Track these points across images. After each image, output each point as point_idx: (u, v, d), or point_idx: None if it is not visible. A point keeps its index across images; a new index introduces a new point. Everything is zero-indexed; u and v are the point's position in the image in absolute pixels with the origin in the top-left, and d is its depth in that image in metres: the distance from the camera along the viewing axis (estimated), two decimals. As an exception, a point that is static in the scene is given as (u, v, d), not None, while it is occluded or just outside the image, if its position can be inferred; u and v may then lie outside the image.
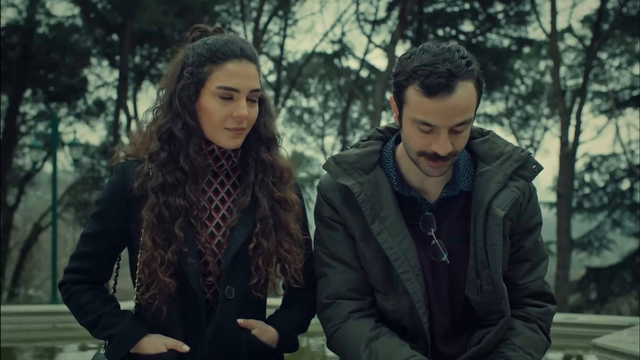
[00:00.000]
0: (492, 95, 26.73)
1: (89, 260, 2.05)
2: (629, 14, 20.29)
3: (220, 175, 2.06)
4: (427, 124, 1.85)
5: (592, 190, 23.07)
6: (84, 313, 2.04)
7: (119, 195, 2.00)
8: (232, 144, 1.99)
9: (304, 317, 2.16)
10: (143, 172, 1.99)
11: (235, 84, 1.95)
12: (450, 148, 1.87)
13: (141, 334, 1.99)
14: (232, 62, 1.95)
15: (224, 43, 1.98)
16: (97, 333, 2.03)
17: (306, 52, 26.88)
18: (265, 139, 2.07)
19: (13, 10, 21.26)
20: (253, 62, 1.98)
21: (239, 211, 2.01)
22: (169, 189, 1.96)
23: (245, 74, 1.96)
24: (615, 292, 21.48)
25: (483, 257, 1.95)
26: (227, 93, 1.95)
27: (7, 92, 20.92)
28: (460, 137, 1.90)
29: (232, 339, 1.98)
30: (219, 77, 1.95)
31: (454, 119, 1.84)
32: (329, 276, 2.04)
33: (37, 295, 26.79)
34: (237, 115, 1.95)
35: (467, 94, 1.84)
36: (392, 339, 1.97)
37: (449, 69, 1.81)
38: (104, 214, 2.03)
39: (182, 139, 1.98)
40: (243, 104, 1.95)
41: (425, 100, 1.83)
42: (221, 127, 1.97)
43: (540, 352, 2.03)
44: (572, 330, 6.27)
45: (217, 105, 1.96)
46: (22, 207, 28.64)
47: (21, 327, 7.06)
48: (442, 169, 1.93)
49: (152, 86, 24.71)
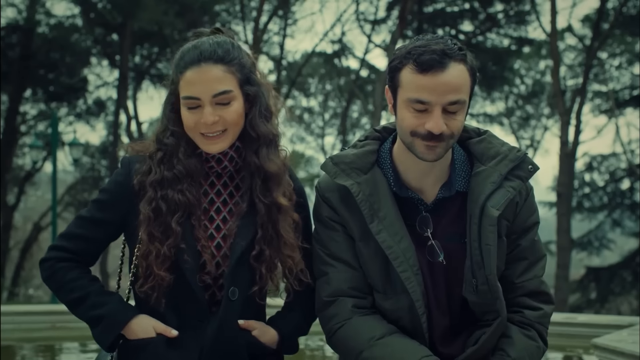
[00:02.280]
0: (492, 95, 26.73)
1: (81, 242, 2.04)
2: (629, 13, 20.29)
3: (223, 177, 2.06)
4: (421, 102, 1.88)
5: (592, 189, 23.08)
6: (69, 290, 2.01)
7: (122, 187, 2.02)
8: (213, 149, 1.99)
9: (305, 320, 2.15)
10: (143, 169, 2.00)
11: (194, 92, 1.93)
12: (443, 127, 1.88)
13: (132, 314, 1.98)
14: (190, 69, 1.94)
15: (188, 50, 1.97)
16: (83, 311, 2.01)
17: (306, 51, 26.90)
18: (253, 138, 2.02)
19: (13, 10, 21.28)
20: (217, 62, 1.94)
21: (238, 217, 2.01)
22: (167, 184, 1.97)
23: (204, 79, 1.93)
24: (615, 292, 21.49)
25: (478, 257, 1.95)
26: (190, 102, 1.94)
27: (7, 91, 20.92)
28: (454, 120, 1.91)
29: (232, 340, 1.98)
30: (183, 87, 1.96)
31: (447, 96, 1.87)
32: (329, 275, 2.04)
33: (37, 294, 26.79)
34: (203, 121, 1.94)
35: (459, 74, 1.88)
36: (405, 337, 1.98)
37: (442, 49, 1.87)
38: (105, 203, 2.03)
39: (172, 145, 2.00)
40: (207, 110, 1.93)
41: (419, 77, 1.87)
42: (197, 134, 1.97)
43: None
44: (572, 330, 6.28)
45: (187, 114, 1.96)
46: (22, 207, 28.64)
47: (21, 327, 7.07)
48: (437, 151, 1.92)
49: (152, 86, 24.73)
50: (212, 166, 2.04)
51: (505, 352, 1.99)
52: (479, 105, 26.96)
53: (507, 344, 2.01)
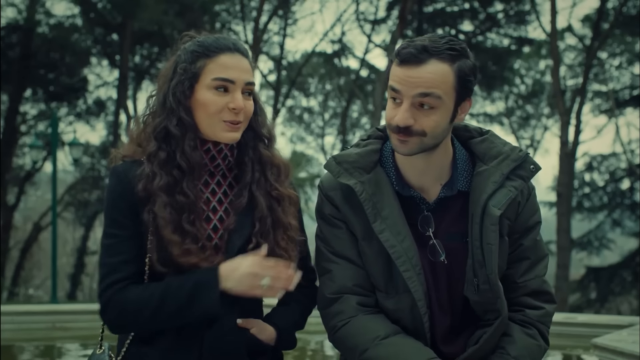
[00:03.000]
0: (492, 95, 26.74)
1: (124, 267, 1.92)
2: (629, 13, 20.29)
3: (216, 175, 2.05)
4: (393, 89, 1.91)
5: (592, 189, 23.09)
6: (146, 299, 1.88)
7: (125, 198, 1.95)
8: (230, 137, 1.98)
9: (301, 314, 2.16)
10: (144, 173, 1.95)
11: (230, 75, 1.96)
12: (408, 121, 1.89)
13: (216, 268, 1.90)
14: (226, 54, 1.97)
15: (216, 39, 2.01)
16: (171, 304, 1.87)
17: (306, 51, 26.90)
18: (263, 135, 2.08)
19: (13, 10, 21.28)
20: (245, 56, 2.01)
21: (236, 213, 2.00)
22: (172, 187, 1.95)
23: (240, 67, 1.98)
24: (615, 292, 21.50)
25: (480, 256, 1.96)
26: (223, 84, 1.95)
27: (7, 91, 20.92)
28: (426, 117, 1.90)
29: (231, 338, 1.98)
30: (214, 70, 1.96)
31: (416, 89, 1.87)
32: (333, 272, 2.04)
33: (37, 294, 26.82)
34: (233, 107, 1.94)
35: (437, 71, 1.88)
36: (409, 338, 1.98)
37: (425, 45, 1.89)
38: (120, 220, 1.94)
39: (177, 136, 1.96)
40: (239, 96, 1.96)
41: (397, 68, 1.91)
42: (219, 120, 1.96)
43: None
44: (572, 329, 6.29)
45: (213, 97, 1.95)
46: (22, 207, 28.64)
47: (21, 327, 7.07)
48: (408, 146, 1.92)
49: (152, 86, 24.69)
50: (206, 163, 2.02)
51: (506, 351, 2.00)
52: (479, 105, 26.97)
53: (507, 342, 2.01)
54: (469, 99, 1.98)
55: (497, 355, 2.00)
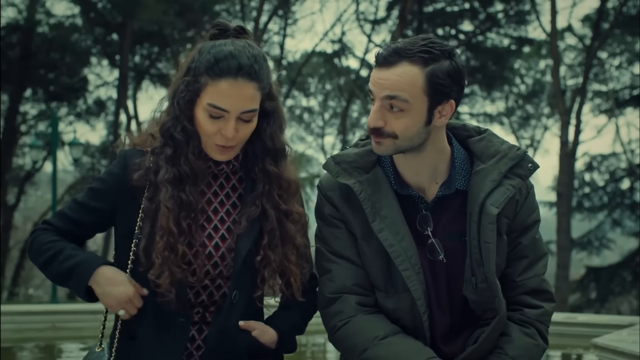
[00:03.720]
0: (492, 95, 26.73)
1: (69, 224, 2.05)
2: (629, 13, 20.30)
3: (220, 178, 2.06)
4: (369, 90, 1.93)
5: (592, 189, 23.09)
6: (45, 249, 2.01)
7: (116, 181, 2.01)
8: (221, 158, 2.00)
9: (302, 318, 2.15)
10: (144, 164, 1.98)
11: (225, 104, 1.90)
12: (378, 122, 1.91)
13: (103, 260, 1.99)
14: (227, 80, 1.90)
15: (225, 56, 1.91)
16: (57, 266, 1.99)
17: (306, 51, 26.92)
18: (272, 150, 2.05)
19: (13, 10, 21.30)
20: (253, 80, 1.92)
21: (247, 220, 2.00)
22: (177, 183, 1.96)
23: (238, 95, 1.90)
24: (615, 292, 21.51)
25: (477, 255, 1.95)
26: (217, 112, 1.91)
27: (7, 91, 20.93)
28: (396, 119, 1.90)
29: (233, 341, 1.99)
30: (211, 94, 1.91)
31: (384, 91, 1.89)
32: (332, 272, 2.04)
33: (37, 294, 26.81)
34: (224, 134, 1.93)
35: (404, 74, 1.88)
36: (409, 338, 1.97)
37: (397, 47, 1.90)
38: (99, 192, 2.04)
39: (181, 141, 1.98)
40: (231, 125, 1.91)
41: (374, 70, 1.93)
42: (211, 142, 1.96)
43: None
44: (572, 329, 6.29)
45: (206, 120, 1.93)
46: (22, 207, 28.65)
47: (21, 327, 7.08)
48: (382, 148, 1.95)
49: (152, 86, 24.73)
50: (209, 165, 2.04)
51: (504, 351, 1.99)
52: (479, 104, 26.96)
53: (505, 342, 2.01)
54: (450, 102, 1.94)
55: (495, 355, 2.00)
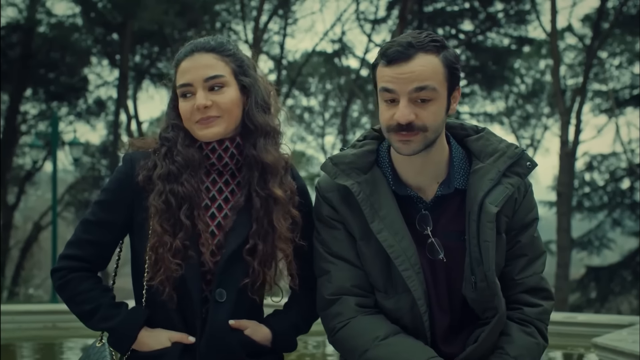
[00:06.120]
0: (492, 95, 26.71)
1: (90, 247, 2.04)
2: (629, 13, 20.27)
3: (225, 174, 2.07)
4: (388, 90, 1.91)
5: (592, 189, 23.06)
6: (80, 301, 2.03)
7: (125, 185, 2.02)
8: (207, 134, 2.01)
9: (303, 318, 2.15)
10: (148, 165, 2.02)
11: (187, 78, 2.01)
12: (410, 117, 1.89)
13: (138, 328, 1.99)
14: (185, 60, 2.03)
15: (185, 46, 2.06)
16: (95, 324, 2.03)
17: (306, 51, 26.93)
18: (252, 132, 2.05)
19: (13, 10, 21.29)
20: (209, 51, 2.02)
21: (235, 213, 2.02)
22: (173, 177, 1.99)
23: (196, 65, 2.01)
24: (615, 291, 21.48)
25: (477, 253, 1.96)
26: (184, 90, 2.01)
27: (8, 91, 20.92)
28: (425, 110, 1.91)
29: (225, 341, 1.98)
30: (178, 78, 2.04)
31: (411, 84, 1.88)
32: (331, 273, 2.04)
33: (37, 294, 26.79)
34: (196, 106, 1.98)
35: (426, 63, 1.89)
36: (409, 338, 1.98)
37: (408, 41, 1.90)
38: (108, 203, 2.04)
39: (173, 137, 2.04)
40: (200, 94, 1.99)
41: (386, 69, 1.91)
42: (192, 122, 2.02)
43: (535, 359, 2.03)
44: (572, 329, 6.27)
45: (182, 104, 2.02)
46: (22, 206, 28.64)
47: (21, 326, 7.06)
48: (412, 146, 1.93)
49: (153, 85, 24.73)
50: (213, 163, 2.05)
51: (505, 351, 2.00)
52: (479, 104, 26.93)
53: (506, 342, 2.01)
54: (458, 87, 2.00)
55: (496, 355, 2.00)
